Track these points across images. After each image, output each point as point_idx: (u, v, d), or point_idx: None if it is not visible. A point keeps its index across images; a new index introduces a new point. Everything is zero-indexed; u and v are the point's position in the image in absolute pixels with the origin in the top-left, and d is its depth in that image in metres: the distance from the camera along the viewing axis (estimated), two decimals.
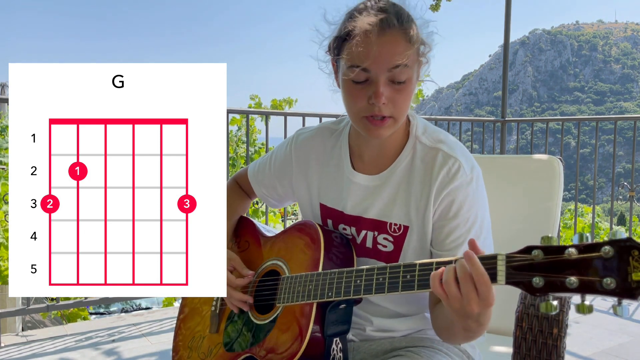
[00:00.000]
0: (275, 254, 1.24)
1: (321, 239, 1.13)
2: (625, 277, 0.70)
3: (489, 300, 0.82)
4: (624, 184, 4.09)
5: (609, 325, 3.02)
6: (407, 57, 1.02)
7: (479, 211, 1.11)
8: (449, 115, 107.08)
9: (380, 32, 1.01)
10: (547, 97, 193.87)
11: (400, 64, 1.01)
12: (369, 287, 0.97)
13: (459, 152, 1.12)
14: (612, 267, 0.71)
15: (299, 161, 1.28)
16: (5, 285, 4.46)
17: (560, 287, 0.74)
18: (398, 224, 1.14)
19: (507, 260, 0.80)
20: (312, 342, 1.05)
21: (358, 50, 1.01)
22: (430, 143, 1.14)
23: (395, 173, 1.15)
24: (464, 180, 1.09)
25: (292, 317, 1.10)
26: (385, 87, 1.03)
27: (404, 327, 1.20)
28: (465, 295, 0.83)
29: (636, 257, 0.69)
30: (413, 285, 0.91)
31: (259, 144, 7.38)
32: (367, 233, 1.17)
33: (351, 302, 1.10)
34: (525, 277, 0.78)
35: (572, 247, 0.74)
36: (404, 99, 1.06)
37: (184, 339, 1.35)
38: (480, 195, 1.12)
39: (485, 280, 0.81)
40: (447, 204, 1.09)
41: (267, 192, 1.38)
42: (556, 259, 0.75)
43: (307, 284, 1.08)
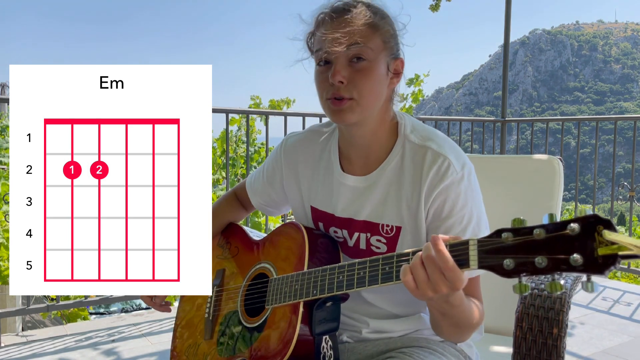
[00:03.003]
0: (263, 257, 1.25)
1: (305, 240, 1.13)
2: (591, 253, 0.70)
3: (456, 283, 0.84)
4: (624, 184, 4.09)
5: (609, 325, 3.02)
6: (365, 39, 1.04)
7: (474, 208, 1.10)
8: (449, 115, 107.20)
9: (338, 16, 1.05)
10: (547, 97, 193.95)
11: (356, 42, 1.04)
12: (350, 281, 0.98)
13: (448, 149, 1.11)
14: (579, 244, 0.71)
15: (288, 165, 1.29)
16: (5, 285, 4.46)
17: (530, 267, 0.74)
18: (390, 225, 1.13)
19: (478, 244, 0.81)
20: (301, 341, 1.05)
21: (319, 36, 1.07)
22: (419, 141, 1.12)
23: (385, 173, 1.14)
24: (454, 178, 1.08)
25: (280, 317, 1.10)
26: (343, 67, 1.05)
27: (400, 328, 1.20)
28: (431, 276, 0.84)
29: (601, 232, 0.69)
30: (392, 276, 0.92)
31: (259, 143, 7.39)
32: (360, 235, 1.16)
33: (338, 299, 1.10)
34: (497, 260, 0.78)
35: (540, 227, 0.74)
36: (365, 81, 1.05)
37: (181, 346, 1.36)
38: (473, 192, 1.11)
39: (449, 266, 0.82)
40: (439, 204, 1.08)
41: (263, 201, 1.38)
42: (525, 240, 0.75)
43: (293, 284, 1.08)
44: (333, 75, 1.04)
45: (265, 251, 1.26)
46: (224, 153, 6.76)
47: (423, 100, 7.11)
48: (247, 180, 1.43)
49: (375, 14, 1.08)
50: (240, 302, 1.23)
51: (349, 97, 1.06)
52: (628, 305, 3.37)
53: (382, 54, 1.08)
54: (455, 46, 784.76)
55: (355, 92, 1.05)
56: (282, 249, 1.20)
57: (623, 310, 3.27)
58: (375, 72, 1.06)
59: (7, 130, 9.51)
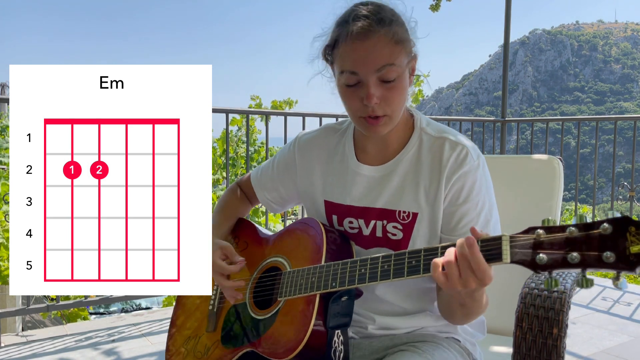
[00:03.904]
0: (276, 252, 1.25)
1: (324, 234, 1.15)
2: (623, 251, 0.74)
3: (485, 280, 0.88)
4: (624, 184, 4.09)
5: (609, 325, 3.02)
6: (393, 57, 1.06)
7: (487, 196, 1.15)
8: (449, 115, 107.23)
9: (364, 37, 1.06)
10: (547, 97, 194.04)
11: (386, 64, 1.06)
12: (374, 274, 1.00)
13: (464, 140, 1.17)
14: (611, 242, 0.75)
15: (302, 161, 1.30)
16: (5, 285, 4.46)
17: (563, 262, 0.79)
18: (407, 211, 1.16)
19: (510, 240, 0.85)
20: (315, 334, 1.06)
21: (345, 57, 1.08)
22: (435, 133, 1.18)
23: (402, 162, 1.18)
24: (472, 166, 1.13)
25: (294, 309, 1.11)
26: (375, 88, 1.07)
27: (406, 325, 1.20)
28: (463, 273, 0.88)
29: (633, 233, 0.74)
30: (419, 269, 0.95)
31: (259, 143, 7.39)
32: (377, 223, 1.18)
33: (353, 294, 1.11)
34: (529, 255, 0.82)
35: (572, 226, 0.79)
36: (396, 97, 1.10)
37: (178, 341, 1.35)
38: (487, 181, 1.17)
39: (483, 267, 0.86)
40: (457, 189, 1.13)
41: (270, 196, 1.39)
42: (558, 236, 0.80)
43: (310, 276, 1.09)
44: (368, 98, 1.07)
45: (278, 246, 1.27)
46: (224, 153, 6.76)
47: (423, 100, 7.10)
48: (252, 175, 1.43)
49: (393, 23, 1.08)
50: (249, 294, 1.24)
51: (383, 115, 1.10)
52: (628, 305, 3.37)
53: (406, 64, 1.11)
54: (455, 46, 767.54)
55: (388, 108, 1.10)
56: (297, 243, 1.21)
57: (623, 310, 3.27)
58: (404, 85, 1.11)
59: (7, 130, 9.52)
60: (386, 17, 1.08)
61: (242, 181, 1.47)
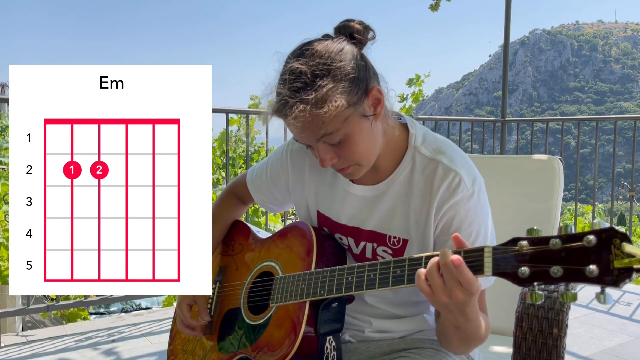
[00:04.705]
0: (269, 256, 1.25)
1: (314, 240, 1.13)
2: (607, 265, 0.71)
3: (472, 289, 0.84)
4: (624, 184, 4.09)
5: (609, 325, 3.02)
6: (324, 125, 0.98)
7: (482, 224, 1.10)
8: (449, 115, 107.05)
9: (284, 115, 0.99)
10: (547, 97, 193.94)
11: (321, 135, 0.99)
12: (360, 283, 0.98)
13: (460, 164, 1.09)
14: (595, 255, 0.72)
15: (294, 168, 1.27)
16: (5, 285, 4.46)
17: (545, 276, 0.76)
18: (397, 237, 1.13)
19: (493, 251, 0.82)
20: (305, 341, 1.05)
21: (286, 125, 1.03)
22: (429, 154, 1.11)
23: (394, 184, 1.13)
24: (465, 195, 1.07)
25: (285, 316, 1.10)
26: (325, 152, 1.03)
27: (403, 328, 1.20)
28: (447, 282, 0.85)
29: (618, 245, 0.70)
30: (403, 279, 0.92)
31: (259, 143, 7.38)
32: (367, 244, 1.16)
33: (344, 300, 1.10)
34: (511, 267, 0.79)
35: (556, 237, 0.75)
36: (352, 150, 1.03)
37: (180, 343, 1.35)
38: (482, 208, 1.10)
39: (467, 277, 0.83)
40: (448, 219, 1.08)
41: (266, 198, 1.37)
42: (541, 249, 0.76)
43: (300, 283, 1.08)
44: (321, 163, 1.04)
45: (271, 249, 1.26)
46: (224, 153, 6.75)
47: (423, 100, 7.09)
48: (247, 175, 1.40)
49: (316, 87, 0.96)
50: (244, 299, 1.23)
51: (348, 165, 1.06)
52: (628, 305, 3.37)
53: (353, 113, 1.00)
54: (455, 46, 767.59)
55: (351, 160, 1.05)
56: (289, 248, 1.20)
57: (623, 310, 3.27)
58: (358, 134, 1.02)
59: (7, 130, 9.51)
60: (303, 84, 0.96)
61: (236, 184, 1.44)
